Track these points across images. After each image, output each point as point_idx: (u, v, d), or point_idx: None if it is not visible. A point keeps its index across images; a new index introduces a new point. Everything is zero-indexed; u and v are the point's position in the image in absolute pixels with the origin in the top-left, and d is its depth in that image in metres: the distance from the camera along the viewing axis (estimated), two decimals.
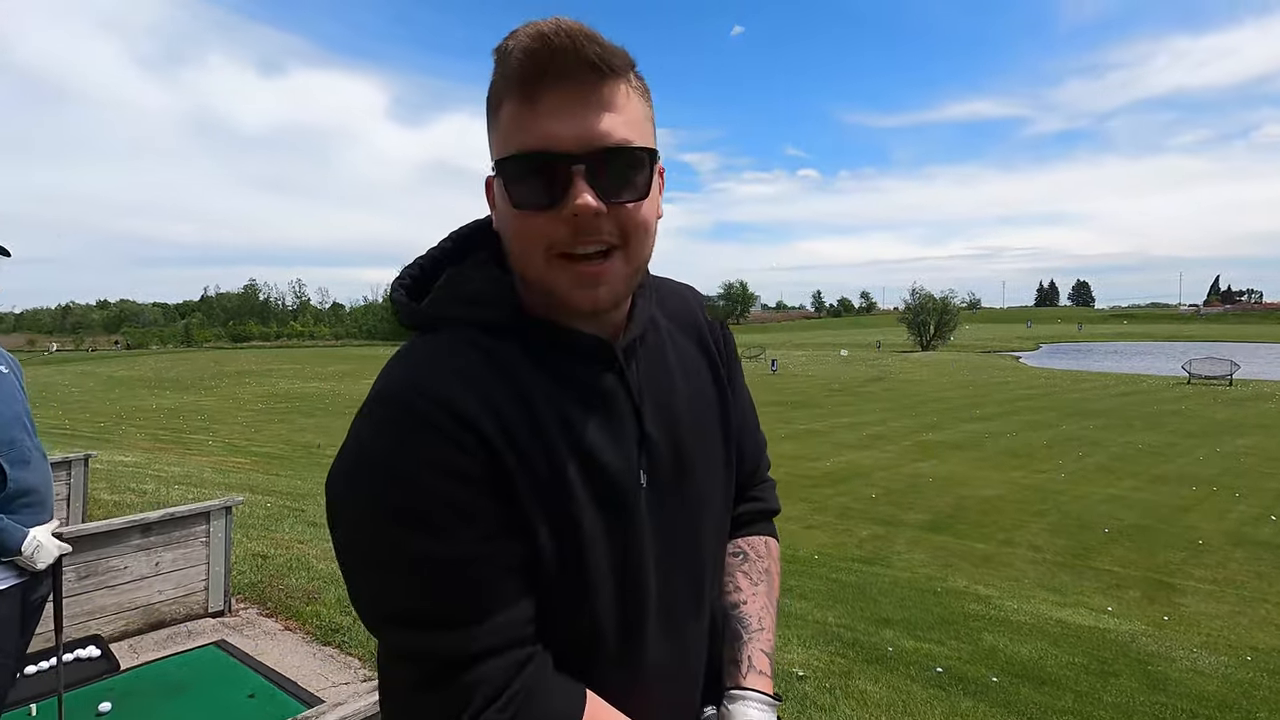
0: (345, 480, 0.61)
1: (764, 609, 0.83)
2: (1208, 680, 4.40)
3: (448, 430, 0.59)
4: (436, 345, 0.66)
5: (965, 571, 7.71)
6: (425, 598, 0.59)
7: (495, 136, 0.66)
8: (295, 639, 2.95)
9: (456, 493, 0.59)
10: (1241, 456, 13.03)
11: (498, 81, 0.64)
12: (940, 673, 3.67)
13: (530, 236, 0.63)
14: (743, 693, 0.76)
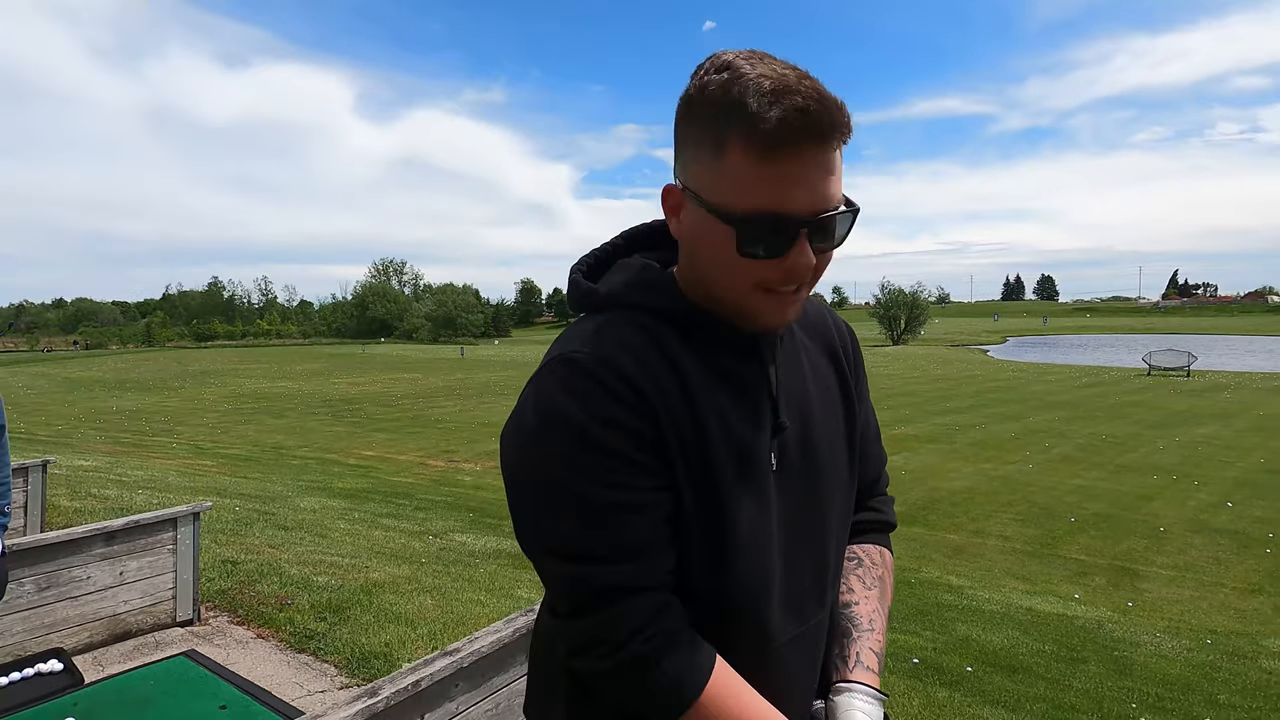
0: (528, 429, 0.69)
1: (875, 611, 0.86)
2: (1171, 664, 4.54)
3: (621, 393, 0.67)
4: (611, 322, 0.74)
5: (938, 562, 7.84)
6: (588, 535, 0.67)
7: (719, 175, 0.67)
8: (268, 647, 2.88)
9: (626, 446, 0.67)
10: (1199, 446, 13.45)
11: (733, 122, 0.64)
12: (916, 664, 3.72)
13: (743, 274, 0.69)
14: (849, 685, 0.79)
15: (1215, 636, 5.59)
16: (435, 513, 8.46)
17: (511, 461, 0.71)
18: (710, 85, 0.66)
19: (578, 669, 0.70)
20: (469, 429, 17.79)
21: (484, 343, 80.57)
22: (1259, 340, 53.33)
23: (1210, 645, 5.20)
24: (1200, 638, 5.45)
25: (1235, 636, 5.70)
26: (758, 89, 0.63)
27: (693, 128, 0.69)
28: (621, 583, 0.67)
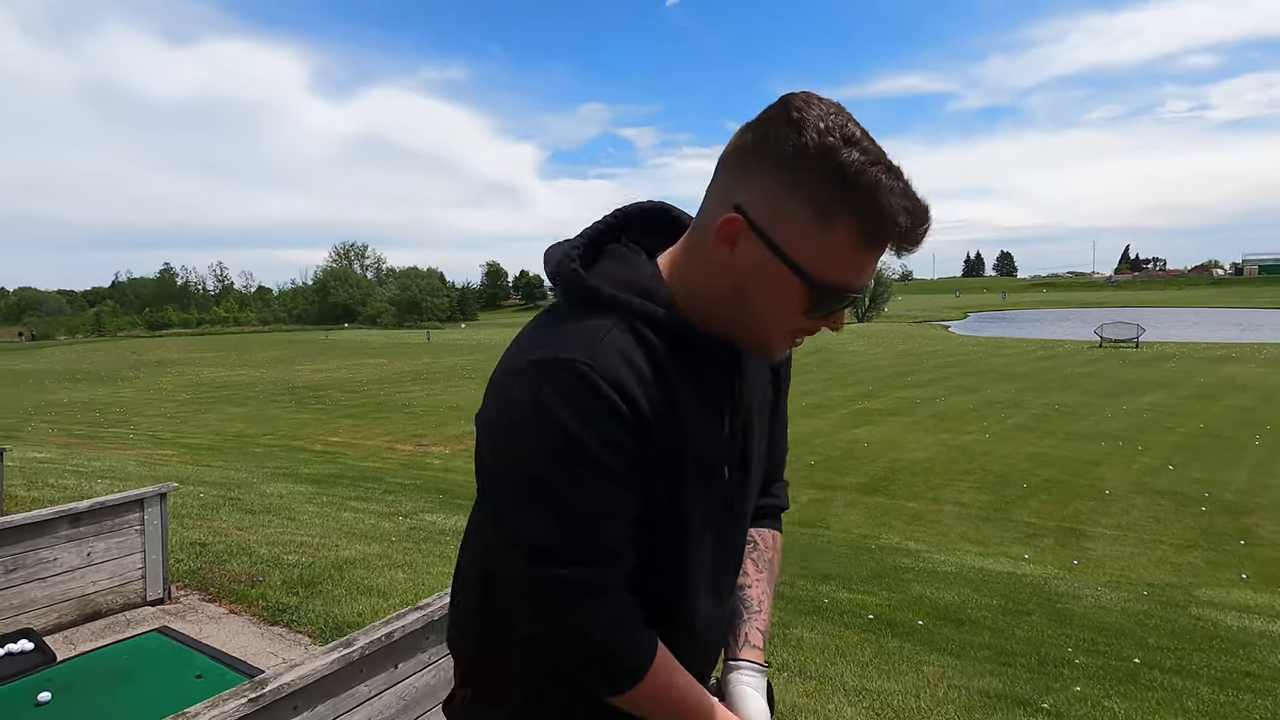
0: (526, 431, 0.70)
1: (764, 593, 0.97)
2: (1108, 614, 4.84)
3: (622, 413, 0.70)
4: (612, 333, 0.74)
5: (897, 529, 8.14)
6: (572, 539, 0.71)
7: (814, 242, 0.70)
8: (242, 621, 2.92)
9: (619, 464, 0.71)
10: (1144, 413, 14.05)
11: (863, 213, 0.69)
12: (871, 619, 3.92)
13: (788, 322, 0.76)
14: (738, 663, 0.91)
15: (1151, 589, 5.95)
16: (404, 495, 8.46)
17: (504, 456, 0.73)
18: (844, 158, 0.67)
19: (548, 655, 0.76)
20: (437, 413, 17.68)
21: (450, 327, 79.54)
22: (1204, 312, 55.50)
23: (1146, 596, 5.54)
24: (1138, 590, 5.80)
25: (1170, 588, 6.07)
26: (903, 202, 0.69)
27: (806, 182, 0.69)
28: (596, 583, 0.73)
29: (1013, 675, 3.06)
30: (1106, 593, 5.57)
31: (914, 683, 2.64)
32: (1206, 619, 4.95)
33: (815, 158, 0.67)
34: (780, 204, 0.70)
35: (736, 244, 0.72)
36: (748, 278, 0.73)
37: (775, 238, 0.70)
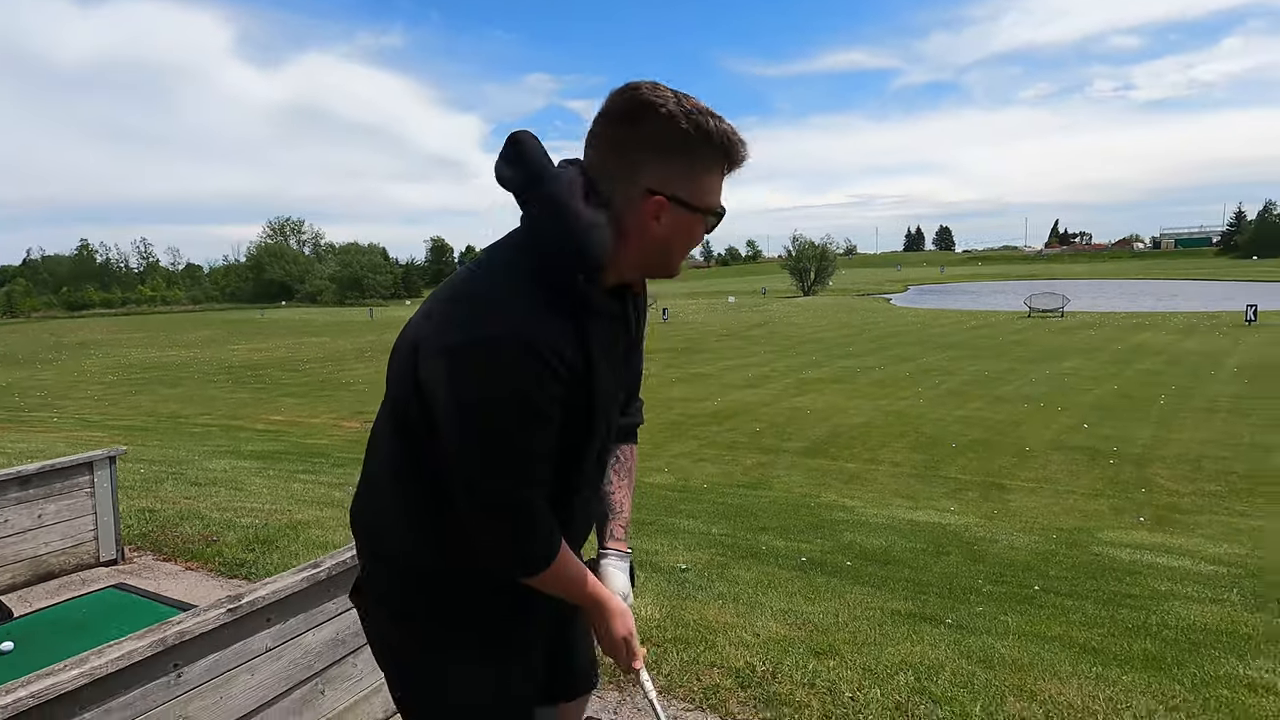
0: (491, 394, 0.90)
1: (625, 497, 1.23)
2: (1018, 553, 5.30)
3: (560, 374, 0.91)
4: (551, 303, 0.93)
5: (836, 488, 8.57)
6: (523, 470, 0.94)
7: (698, 182, 0.98)
8: (199, 575, 3.00)
9: (554, 411, 0.93)
10: (1065, 377, 14.97)
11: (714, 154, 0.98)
12: (804, 561, 4.24)
13: (692, 243, 1.03)
14: (606, 551, 1.18)
15: (1060, 532, 6.49)
16: (353, 469, 8.41)
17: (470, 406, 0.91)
18: (711, 124, 0.95)
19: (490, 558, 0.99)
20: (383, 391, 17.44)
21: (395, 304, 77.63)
22: (1125, 284, 58.66)
23: (1054, 539, 6.05)
24: (1047, 534, 6.32)
25: (1076, 531, 6.63)
26: (734, 137, 0.98)
27: (693, 153, 0.96)
28: (533, 499, 0.96)
29: (925, 600, 3.39)
30: (1019, 536, 6.06)
31: (835, 606, 2.92)
32: (1104, 555, 5.47)
33: (699, 138, 0.95)
34: (684, 176, 0.97)
35: (660, 217, 0.98)
36: (673, 234, 1.00)
37: (690, 200, 0.98)
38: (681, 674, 2.07)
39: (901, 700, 1.91)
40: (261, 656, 1.54)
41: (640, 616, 2.48)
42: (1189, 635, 3.06)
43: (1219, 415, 11.15)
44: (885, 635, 2.45)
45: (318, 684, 1.68)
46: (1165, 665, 2.48)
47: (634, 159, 0.95)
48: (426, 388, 0.95)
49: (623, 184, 0.96)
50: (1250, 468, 8.58)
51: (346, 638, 1.76)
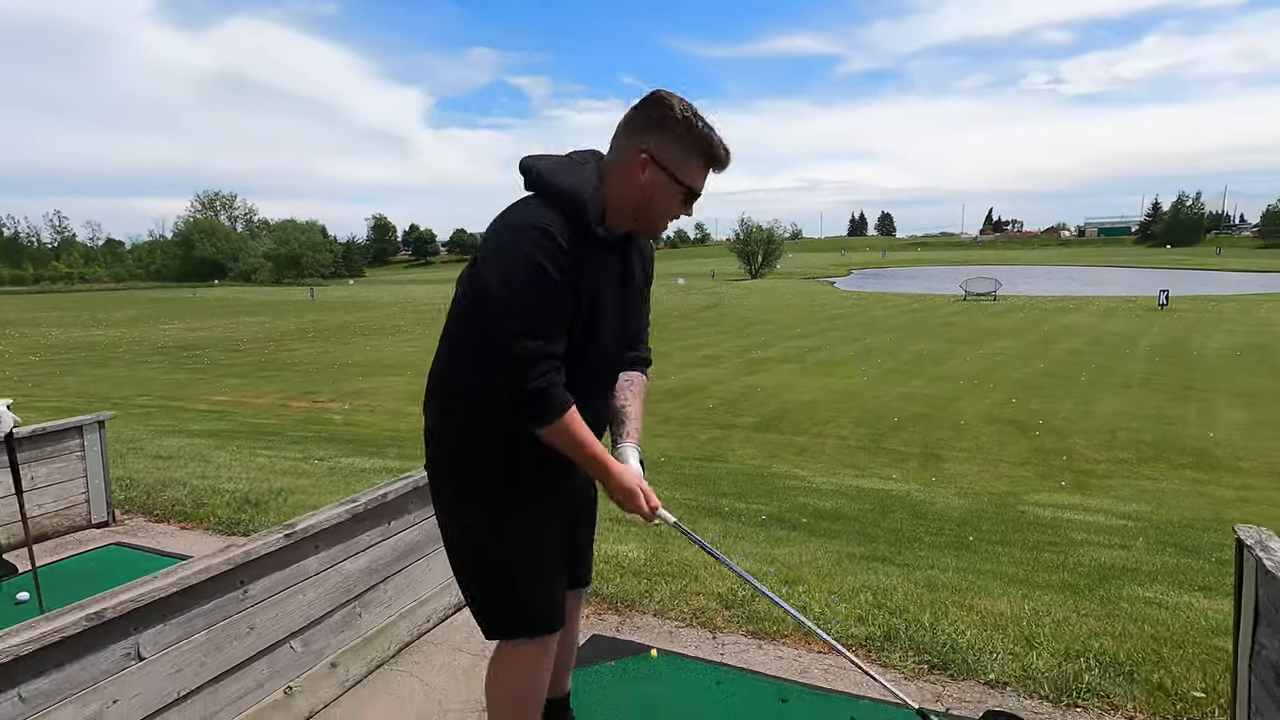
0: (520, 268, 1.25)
1: (637, 410, 1.56)
2: (954, 512, 5.78)
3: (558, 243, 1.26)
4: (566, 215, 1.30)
5: (787, 460, 9.01)
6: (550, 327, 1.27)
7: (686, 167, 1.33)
8: (197, 534, 3.08)
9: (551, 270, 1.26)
10: (997, 357, 15.87)
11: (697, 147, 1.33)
12: (764, 518, 4.57)
13: (669, 213, 1.38)
14: (623, 442, 1.50)
15: (991, 495, 7.05)
16: (312, 445, 8.40)
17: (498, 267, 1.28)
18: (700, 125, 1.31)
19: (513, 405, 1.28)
20: (330, 370, 17.11)
21: (336, 283, 75.35)
22: (1053, 269, 61.80)
23: (986, 501, 6.59)
24: (980, 497, 6.87)
25: (1005, 495, 7.21)
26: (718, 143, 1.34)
27: (679, 138, 1.31)
28: (543, 352, 1.26)
29: (875, 546, 3.76)
30: (955, 499, 6.58)
31: (798, 550, 3.24)
32: (1029, 513, 6.01)
33: (684, 125, 1.31)
34: (668, 148, 1.32)
35: (645, 171, 1.32)
36: (651, 188, 1.34)
37: (667, 166, 1.32)
38: (673, 600, 2.34)
39: (863, 614, 2.22)
40: (311, 579, 1.72)
41: (627, 558, 2.73)
42: (1099, 570, 3.51)
43: (1132, 390, 12.08)
44: (844, 569, 2.77)
45: (355, 607, 1.87)
46: (1079, 590, 2.88)
47: (640, 130, 1.32)
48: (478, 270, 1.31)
49: (625, 146, 1.34)
50: (1157, 437, 9.40)
51: (379, 567, 1.95)
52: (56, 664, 1.23)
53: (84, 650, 1.27)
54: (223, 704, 1.53)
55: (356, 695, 1.87)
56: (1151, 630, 2.22)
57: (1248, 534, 1.46)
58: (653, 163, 1.30)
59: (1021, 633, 2.12)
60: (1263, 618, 1.39)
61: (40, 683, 1.21)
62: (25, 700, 1.19)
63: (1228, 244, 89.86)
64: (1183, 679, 1.88)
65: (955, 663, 1.97)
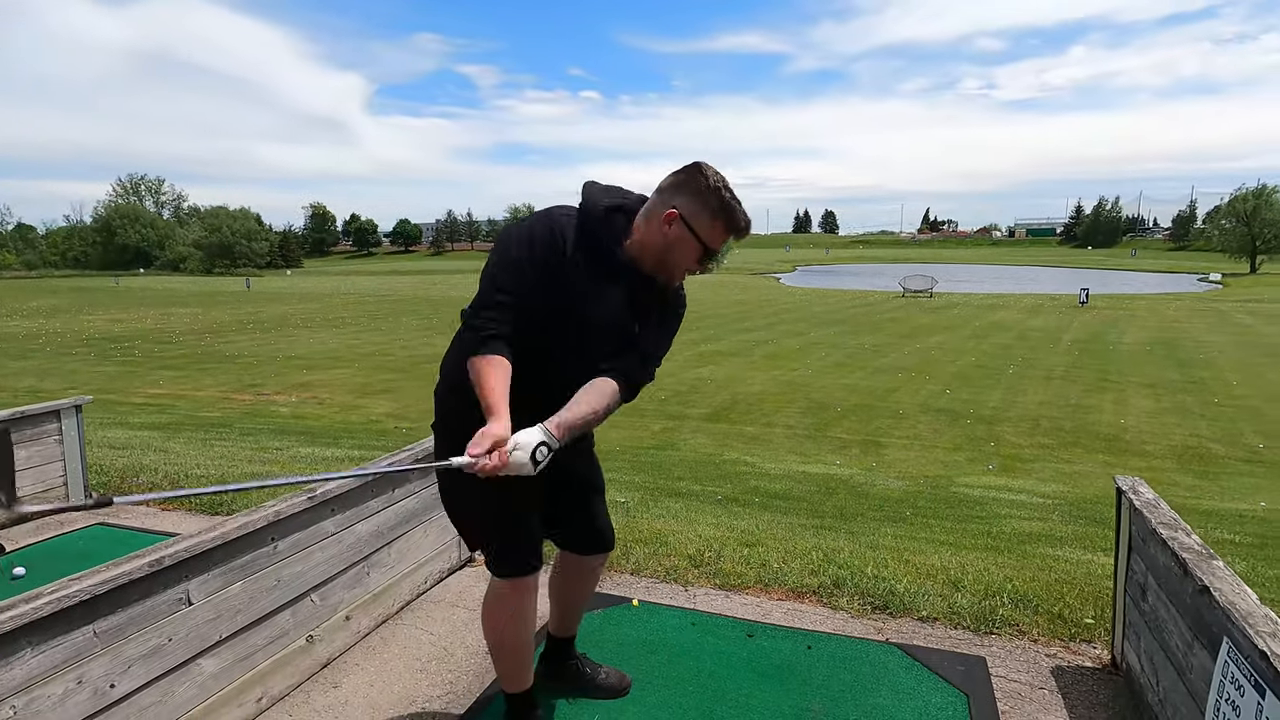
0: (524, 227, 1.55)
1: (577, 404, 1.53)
2: (893, 492, 6.23)
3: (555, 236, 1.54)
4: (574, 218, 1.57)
5: (738, 448, 9.39)
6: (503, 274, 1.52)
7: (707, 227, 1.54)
8: (180, 514, 3.15)
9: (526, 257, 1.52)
10: (933, 350, 16.72)
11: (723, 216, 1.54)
12: (720, 499, 4.88)
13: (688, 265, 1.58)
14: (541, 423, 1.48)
15: (926, 479, 7.56)
16: (264, 436, 8.33)
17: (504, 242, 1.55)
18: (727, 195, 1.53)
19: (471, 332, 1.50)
20: (274, 362, 16.72)
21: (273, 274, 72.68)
22: (984, 268, 64.73)
23: (921, 483, 7.09)
24: (916, 480, 7.37)
25: (939, 478, 7.74)
26: (743, 218, 1.56)
27: (706, 203, 1.52)
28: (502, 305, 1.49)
29: (823, 520, 4.11)
30: (894, 482, 7.05)
31: (755, 522, 3.54)
32: (960, 493, 6.51)
33: (719, 203, 1.53)
34: (695, 209, 1.53)
35: (671, 225, 1.53)
36: (674, 241, 1.54)
37: (695, 229, 1.53)
38: (647, 560, 2.59)
39: (814, 567, 2.52)
40: (329, 539, 1.89)
41: None
42: (1018, 536, 3.94)
43: (1054, 382, 12.97)
44: (796, 535, 3.08)
45: (364, 567, 2.05)
46: (999, 549, 3.27)
47: (675, 193, 1.54)
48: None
49: (659, 202, 1.55)
50: (1075, 425, 10.18)
51: (384, 530, 2.13)
52: (124, 603, 1.38)
53: (147, 593, 1.43)
54: (256, 648, 1.69)
55: (368, 644, 2.05)
56: (1056, 575, 2.59)
57: (1124, 481, 1.81)
58: (679, 220, 1.52)
59: (949, 579, 2.46)
60: (1134, 548, 1.73)
61: (113, 619, 1.36)
62: (99, 636, 1.34)
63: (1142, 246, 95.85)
64: (1077, 609, 2.25)
65: (894, 604, 2.29)
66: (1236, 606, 1.23)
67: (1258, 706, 1.12)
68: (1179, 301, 29.57)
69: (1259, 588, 2.69)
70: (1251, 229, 51.55)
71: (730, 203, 1.52)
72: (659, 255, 1.55)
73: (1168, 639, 1.52)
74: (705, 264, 1.58)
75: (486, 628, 1.69)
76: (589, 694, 1.90)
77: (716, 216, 1.52)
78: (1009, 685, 1.93)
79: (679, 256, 1.54)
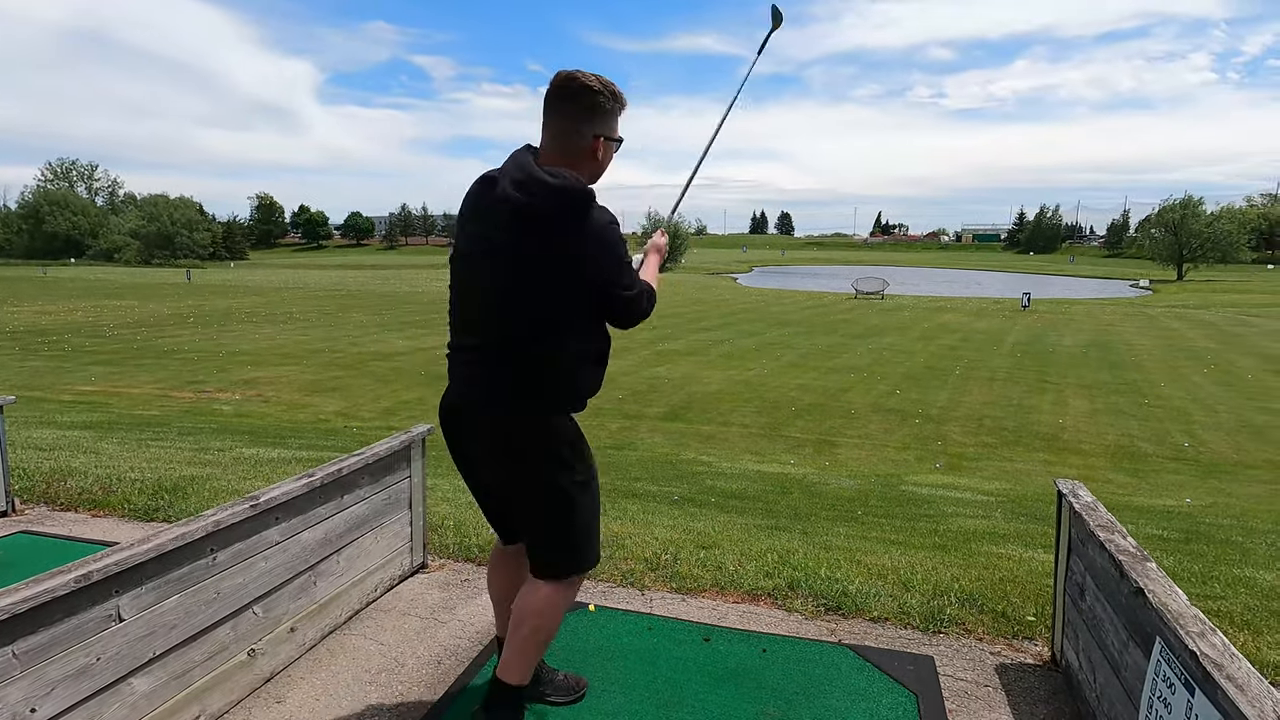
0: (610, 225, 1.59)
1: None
2: (845, 491, 6.35)
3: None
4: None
5: (694, 447, 9.45)
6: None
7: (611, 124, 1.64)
8: (111, 520, 2.99)
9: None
10: (884, 351, 17.12)
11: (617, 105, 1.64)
12: (677, 499, 4.89)
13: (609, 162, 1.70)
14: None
15: (877, 477, 7.74)
16: (205, 436, 8.01)
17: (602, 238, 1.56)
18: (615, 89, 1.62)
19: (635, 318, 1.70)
20: (217, 358, 16.13)
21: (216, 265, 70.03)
22: (933, 271, 66.69)
23: (873, 482, 7.25)
24: (868, 478, 7.53)
25: (889, 476, 7.94)
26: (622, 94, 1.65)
27: (611, 110, 1.63)
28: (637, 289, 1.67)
29: (777, 520, 4.15)
30: (846, 481, 7.19)
31: (711, 523, 3.56)
32: (909, 491, 6.69)
33: (611, 99, 1.62)
34: (609, 123, 1.64)
35: (600, 150, 1.64)
36: (605, 159, 1.68)
37: (611, 136, 1.65)
38: (604, 565, 2.57)
39: (770, 569, 2.55)
40: (273, 548, 1.82)
41: None
42: (964, 534, 4.06)
43: (997, 383, 13.44)
44: (752, 536, 3.10)
45: (311, 576, 1.98)
46: (946, 549, 3.36)
47: (581, 120, 1.60)
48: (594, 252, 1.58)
49: (573, 133, 1.59)
50: (1017, 424, 10.57)
51: (333, 537, 2.06)
52: (47, 622, 1.30)
53: (72, 610, 1.34)
54: (193, 664, 1.61)
55: (314, 657, 1.98)
56: (1000, 574, 2.68)
57: (1064, 485, 1.87)
58: (604, 141, 1.62)
59: (899, 579, 2.51)
60: (1073, 549, 1.80)
61: (34, 639, 1.27)
62: (18, 657, 1.25)
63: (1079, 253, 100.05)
64: (1020, 607, 2.32)
65: (846, 605, 2.33)
66: (1169, 608, 1.28)
67: (1188, 704, 1.17)
68: (1113, 306, 31.02)
69: (1184, 582, 2.84)
70: (1179, 239, 54.37)
71: (618, 91, 1.61)
72: (595, 177, 1.65)
73: (1104, 638, 1.58)
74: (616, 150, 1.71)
75: (546, 624, 1.67)
76: (543, 698, 1.87)
77: (618, 111, 1.63)
78: (955, 684, 1.99)
79: (607, 164, 1.68)
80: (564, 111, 1.57)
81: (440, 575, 2.57)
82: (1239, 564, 3.50)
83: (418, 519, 2.52)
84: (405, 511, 2.46)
